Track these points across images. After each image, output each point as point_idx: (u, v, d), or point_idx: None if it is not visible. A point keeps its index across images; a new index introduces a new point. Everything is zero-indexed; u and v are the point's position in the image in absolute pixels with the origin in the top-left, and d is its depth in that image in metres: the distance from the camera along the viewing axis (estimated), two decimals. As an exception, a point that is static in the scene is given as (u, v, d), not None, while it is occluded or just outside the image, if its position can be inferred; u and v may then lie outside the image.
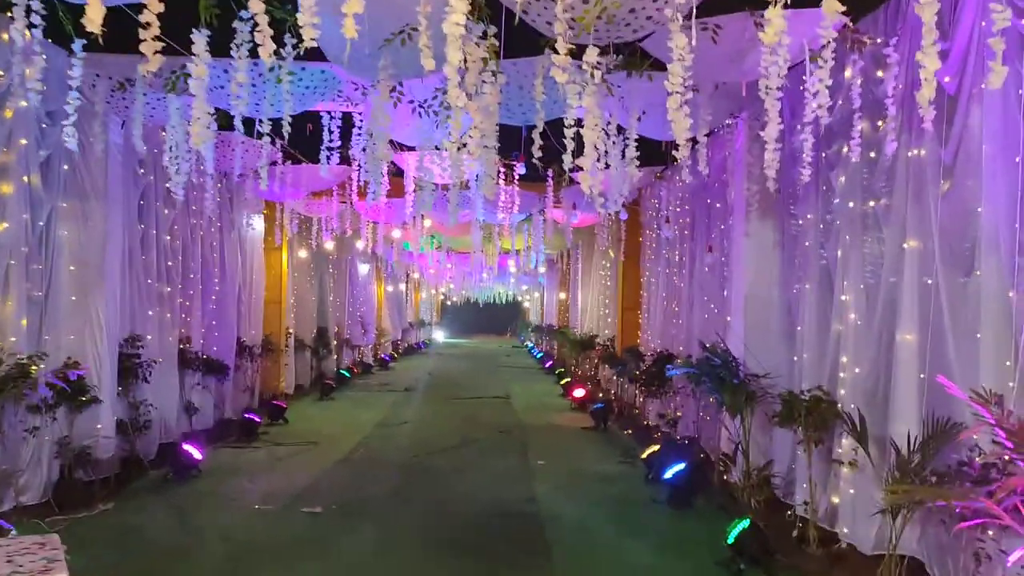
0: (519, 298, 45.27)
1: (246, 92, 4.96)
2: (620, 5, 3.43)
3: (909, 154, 5.34)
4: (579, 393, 15.38)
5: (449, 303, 51.50)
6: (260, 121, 5.55)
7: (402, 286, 33.30)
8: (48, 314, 7.39)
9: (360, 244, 15.47)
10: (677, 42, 3.39)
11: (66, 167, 7.51)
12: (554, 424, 13.45)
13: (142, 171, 9.00)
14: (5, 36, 6.42)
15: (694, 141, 7.02)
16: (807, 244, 7.04)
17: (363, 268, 23.58)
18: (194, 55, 4.28)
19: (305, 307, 17.00)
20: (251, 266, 12.91)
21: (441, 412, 14.88)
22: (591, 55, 3.38)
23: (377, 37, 4.39)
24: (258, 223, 12.98)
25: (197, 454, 8.67)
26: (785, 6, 3.95)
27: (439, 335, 47.63)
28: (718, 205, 9.63)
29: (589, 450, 10.98)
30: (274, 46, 4.55)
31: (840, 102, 6.22)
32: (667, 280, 11.99)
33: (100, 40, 4.44)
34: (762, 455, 7.36)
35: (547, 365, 24.63)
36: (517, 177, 9.13)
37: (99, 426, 7.70)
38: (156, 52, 3.87)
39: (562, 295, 25.08)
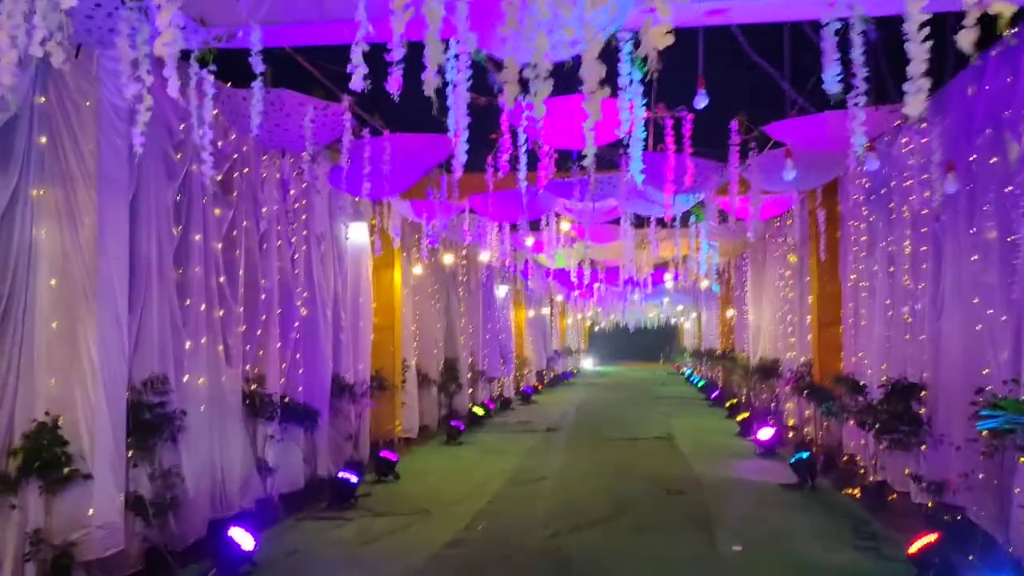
0: (672, 320, 41.68)
1: None
2: None
3: None
4: (765, 435, 12.01)
5: (597, 328, 48.58)
6: None
7: (545, 311, 30.66)
8: (14, 347, 5.14)
9: (483, 256, 12.79)
10: None
11: (43, 139, 5.30)
12: (739, 478, 10.19)
13: (178, 155, 6.75)
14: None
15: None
16: None
17: (500, 290, 21.16)
18: None
19: (429, 335, 14.57)
20: (354, 285, 10.55)
21: (589, 461, 11.90)
22: None
23: None
24: (360, 231, 10.57)
25: (248, 542, 6.18)
26: None
27: (587, 363, 44.85)
28: (992, 160, 6.37)
29: (801, 524, 7.67)
30: None
31: None
32: (890, 281, 8.67)
33: None
34: None
35: (712, 396, 21.15)
36: (690, 128, 6.10)
37: (91, 512, 5.30)
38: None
39: (728, 312, 21.55)
